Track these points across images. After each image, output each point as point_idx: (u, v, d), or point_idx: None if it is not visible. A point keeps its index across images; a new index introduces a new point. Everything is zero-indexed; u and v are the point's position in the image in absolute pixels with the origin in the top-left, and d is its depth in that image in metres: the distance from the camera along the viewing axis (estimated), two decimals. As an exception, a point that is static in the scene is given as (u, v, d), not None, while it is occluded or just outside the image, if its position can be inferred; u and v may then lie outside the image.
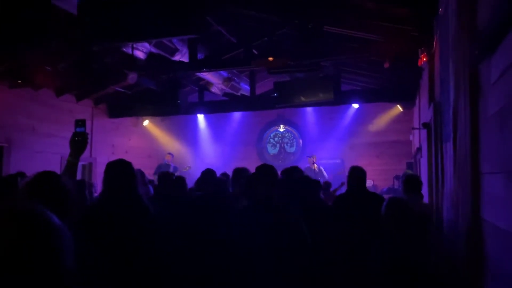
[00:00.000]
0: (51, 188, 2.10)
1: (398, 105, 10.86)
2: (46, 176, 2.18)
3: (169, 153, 11.79)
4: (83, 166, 10.39)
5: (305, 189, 4.25)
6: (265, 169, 3.41)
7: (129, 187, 2.96)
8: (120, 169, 3.00)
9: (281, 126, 13.08)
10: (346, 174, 4.53)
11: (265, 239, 3.01)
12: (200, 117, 12.75)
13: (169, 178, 4.89)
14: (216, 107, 10.61)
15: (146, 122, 12.49)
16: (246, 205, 3.41)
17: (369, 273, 2.83)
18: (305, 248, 3.14)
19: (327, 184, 7.59)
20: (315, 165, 10.23)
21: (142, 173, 4.88)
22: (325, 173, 10.14)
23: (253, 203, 3.32)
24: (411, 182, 4.60)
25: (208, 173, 4.81)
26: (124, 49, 7.00)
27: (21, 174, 5.16)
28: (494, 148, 1.82)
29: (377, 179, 11.21)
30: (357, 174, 4.38)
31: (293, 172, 4.69)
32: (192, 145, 13.23)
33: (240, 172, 4.47)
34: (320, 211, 4.30)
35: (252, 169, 3.76)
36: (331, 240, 3.93)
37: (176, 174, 6.74)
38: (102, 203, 3.03)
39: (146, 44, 7.02)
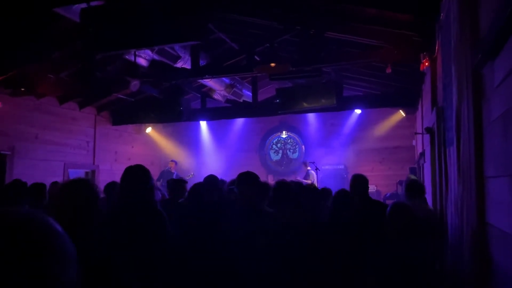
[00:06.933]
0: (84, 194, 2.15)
1: (400, 111, 10.85)
2: (79, 184, 2.23)
3: (173, 160, 11.78)
4: (86, 173, 10.40)
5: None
6: (246, 176, 3.47)
7: (146, 193, 2.99)
8: (138, 175, 3.04)
9: (284, 132, 13.08)
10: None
11: (247, 243, 3.06)
12: (203, 124, 12.77)
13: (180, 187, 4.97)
14: (219, 114, 10.62)
15: (149, 129, 12.51)
16: (236, 210, 3.47)
17: (373, 279, 2.82)
18: (293, 250, 3.18)
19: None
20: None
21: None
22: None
23: (239, 208, 3.38)
24: (414, 187, 4.58)
25: (211, 180, 4.82)
26: (126, 57, 7.02)
27: (18, 181, 5.17)
28: (498, 152, 1.81)
29: (380, 185, 11.17)
30: (359, 182, 4.35)
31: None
32: (195, 152, 13.23)
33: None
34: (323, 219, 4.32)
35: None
36: (333, 248, 3.93)
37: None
38: (119, 208, 3.07)
39: (149, 51, 7.04)
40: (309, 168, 10.86)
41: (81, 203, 2.12)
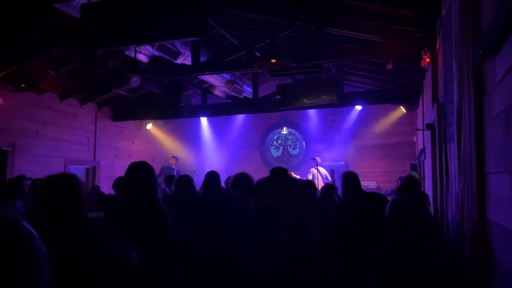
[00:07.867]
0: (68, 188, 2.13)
1: (401, 107, 10.83)
2: (63, 178, 2.21)
3: (173, 157, 11.80)
4: (87, 169, 10.41)
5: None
6: (280, 172, 3.45)
7: (149, 190, 3.02)
8: (142, 172, 3.06)
9: (284, 128, 13.07)
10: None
11: (275, 240, 3.04)
12: (203, 120, 12.77)
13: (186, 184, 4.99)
14: (219, 110, 10.61)
15: (149, 126, 12.52)
16: (257, 205, 3.44)
17: (373, 275, 2.82)
18: (313, 249, 3.16)
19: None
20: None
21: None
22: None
23: (264, 204, 3.35)
24: (404, 187, 4.49)
25: (212, 176, 4.81)
26: (127, 53, 7.02)
27: (23, 177, 5.19)
28: (499, 148, 1.81)
29: (380, 181, 11.18)
30: (350, 179, 4.35)
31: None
32: (195, 148, 13.24)
33: (241, 177, 4.49)
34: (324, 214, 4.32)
35: (254, 172, 3.79)
36: (336, 244, 3.93)
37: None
38: (121, 203, 3.07)
39: (149, 48, 7.03)
40: (318, 165, 10.79)
41: (59, 198, 2.09)
